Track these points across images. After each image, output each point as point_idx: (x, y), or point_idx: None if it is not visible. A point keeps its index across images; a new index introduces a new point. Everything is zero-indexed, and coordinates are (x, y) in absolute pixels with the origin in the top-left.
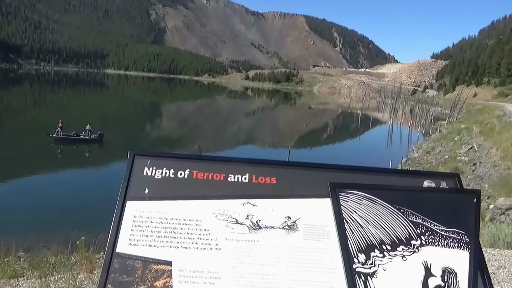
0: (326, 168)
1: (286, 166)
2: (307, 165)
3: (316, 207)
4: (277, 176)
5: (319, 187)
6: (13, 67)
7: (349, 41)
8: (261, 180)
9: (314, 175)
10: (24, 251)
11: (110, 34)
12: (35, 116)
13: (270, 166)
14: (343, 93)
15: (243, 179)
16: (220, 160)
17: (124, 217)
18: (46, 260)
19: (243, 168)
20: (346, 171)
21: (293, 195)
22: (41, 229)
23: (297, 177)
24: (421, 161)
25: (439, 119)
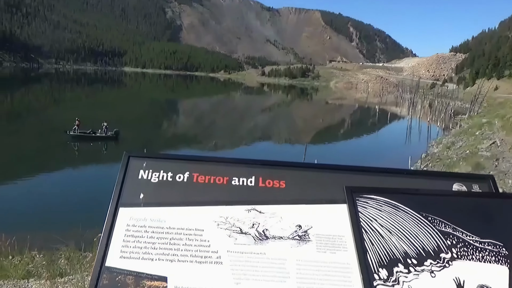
0: (342, 170)
1: (296, 168)
2: (320, 167)
3: (331, 214)
4: (287, 179)
5: (334, 191)
6: (33, 66)
7: (366, 35)
8: (269, 183)
9: (328, 178)
10: (38, 249)
11: (127, 33)
12: (54, 114)
13: (279, 168)
14: (360, 88)
15: (248, 182)
16: (223, 162)
17: (116, 226)
18: (61, 257)
19: (249, 171)
20: (364, 173)
21: (305, 201)
22: (57, 226)
23: (309, 181)
24: (441, 156)
25: (459, 113)
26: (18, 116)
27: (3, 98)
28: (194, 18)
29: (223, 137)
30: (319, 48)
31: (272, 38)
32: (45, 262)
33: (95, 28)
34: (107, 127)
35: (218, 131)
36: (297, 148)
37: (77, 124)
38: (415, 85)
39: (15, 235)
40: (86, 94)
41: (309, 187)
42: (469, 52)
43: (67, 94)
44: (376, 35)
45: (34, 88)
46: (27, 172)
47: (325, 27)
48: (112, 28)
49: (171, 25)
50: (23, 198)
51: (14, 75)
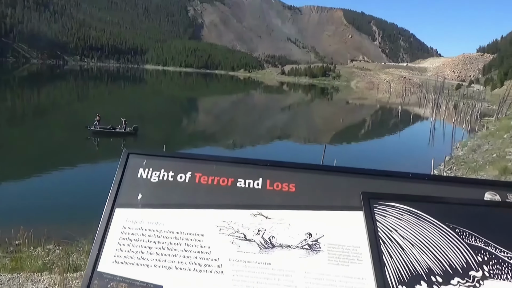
0: (358, 174)
1: (308, 170)
2: (334, 170)
3: (345, 222)
4: (297, 183)
5: (349, 197)
6: (59, 63)
7: (389, 34)
8: (277, 186)
9: (343, 182)
10: (56, 242)
11: (150, 31)
12: (77, 109)
13: (288, 170)
14: (382, 88)
15: (255, 185)
16: (228, 162)
17: (110, 228)
18: (79, 250)
19: (256, 172)
20: (383, 177)
21: (316, 207)
22: (75, 219)
23: (321, 184)
24: (466, 159)
25: (486, 115)
26: (43, 111)
27: (30, 94)
28: (216, 16)
29: (241, 135)
30: (341, 47)
31: (293, 37)
32: (63, 254)
33: (118, 26)
34: (126, 123)
35: (237, 129)
36: (315, 148)
37: (97, 120)
38: (439, 85)
39: (34, 227)
40: (108, 91)
41: (321, 191)
42: (498, 53)
43: (90, 91)
44: (399, 34)
45: (59, 85)
46: (48, 165)
47: (347, 26)
48: (135, 26)
49: (193, 23)
50: (42, 191)
51: (41, 72)
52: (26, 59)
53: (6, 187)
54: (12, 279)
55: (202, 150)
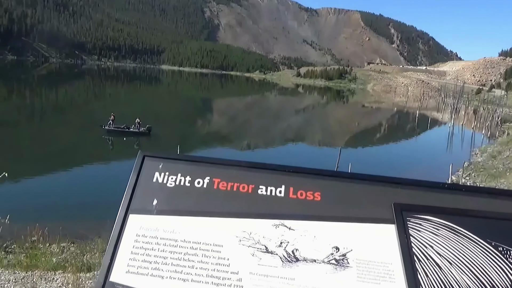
0: (389, 183)
1: (334, 177)
2: (362, 178)
3: (375, 235)
4: (323, 191)
5: (379, 208)
6: (77, 62)
7: (408, 37)
8: (301, 195)
9: (372, 191)
10: (72, 239)
11: (166, 31)
12: (94, 108)
13: (313, 177)
14: (399, 91)
15: (277, 192)
16: (249, 167)
17: (124, 235)
18: (94, 248)
19: (278, 178)
20: (415, 187)
21: (344, 218)
22: (88, 217)
23: (348, 193)
24: (486, 166)
25: (507, 121)
26: (61, 109)
27: (49, 92)
28: (232, 18)
29: (255, 137)
30: (358, 50)
31: (309, 39)
32: (77, 252)
33: (135, 26)
34: (140, 123)
35: (251, 131)
36: (330, 151)
37: (112, 119)
38: (459, 90)
39: (50, 225)
40: (124, 91)
41: (349, 201)
42: None
43: (107, 90)
44: (418, 37)
45: (77, 84)
46: (63, 163)
47: (364, 28)
48: (151, 27)
49: (209, 24)
50: (57, 189)
51: (60, 71)
52: (45, 58)
53: (23, 184)
54: (26, 277)
55: (216, 151)
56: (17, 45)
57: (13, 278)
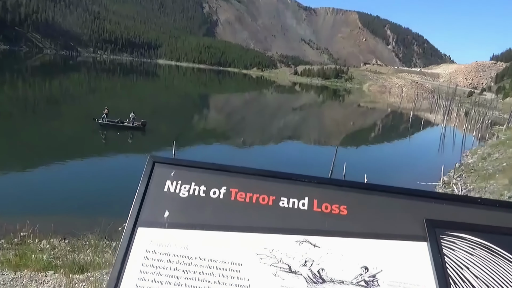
0: (419, 196)
1: (361, 189)
2: (391, 190)
3: (407, 254)
4: (349, 204)
5: (411, 224)
6: (72, 54)
7: (403, 39)
8: (326, 208)
9: (402, 205)
10: (63, 235)
11: (164, 26)
12: (88, 101)
13: (338, 189)
14: (394, 92)
15: (300, 205)
16: (269, 176)
17: (132, 251)
18: (85, 244)
19: (301, 190)
20: (447, 201)
21: (372, 234)
22: (82, 212)
23: (376, 207)
24: (476, 167)
25: (497, 124)
26: (54, 102)
27: (42, 84)
28: (231, 14)
29: (252, 134)
30: (354, 50)
31: (307, 38)
32: (70, 248)
33: (133, 20)
34: (134, 117)
35: (247, 128)
36: (326, 150)
37: (105, 113)
38: (451, 92)
39: (39, 220)
40: (120, 84)
41: (377, 215)
42: (511, 61)
43: (102, 83)
44: (414, 39)
45: (71, 76)
46: (54, 157)
47: (361, 29)
48: (149, 21)
49: (208, 20)
50: (46, 183)
51: (54, 62)
52: (39, 49)
53: (12, 178)
54: (15, 279)
55: (211, 148)
56: (10, 35)
57: (1, 280)
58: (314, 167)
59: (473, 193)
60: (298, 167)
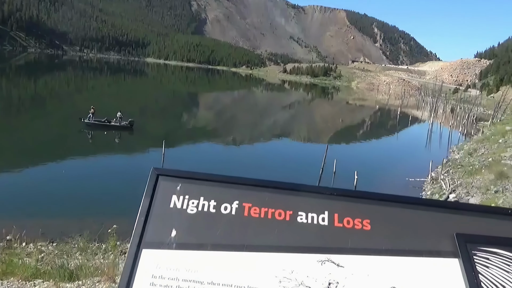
0: (448, 208)
1: (384, 201)
2: (416, 202)
3: (438, 272)
4: (372, 218)
5: (440, 238)
6: (57, 53)
7: (390, 37)
8: (348, 223)
9: (429, 218)
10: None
11: (152, 24)
12: (74, 100)
13: (359, 201)
14: (382, 89)
15: (320, 220)
16: (285, 188)
17: (136, 276)
18: (74, 247)
19: (320, 203)
20: (479, 213)
21: (399, 251)
22: (69, 215)
23: (402, 221)
24: (463, 163)
25: (482, 119)
26: (39, 102)
27: (27, 83)
28: (219, 12)
29: (241, 132)
30: (343, 48)
31: (296, 36)
32: (58, 251)
33: (120, 18)
34: (122, 117)
35: (237, 126)
36: (315, 148)
37: (92, 112)
38: (437, 89)
39: (26, 223)
40: (108, 83)
41: (402, 230)
42: (494, 59)
43: (89, 82)
44: (400, 37)
45: (57, 75)
46: (39, 158)
47: (349, 27)
48: (137, 19)
49: (196, 18)
50: (32, 185)
51: (39, 61)
52: (23, 47)
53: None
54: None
55: (201, 146)
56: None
57: None
58: (305, 165)
59: (460, 189)
60: (289, 165)
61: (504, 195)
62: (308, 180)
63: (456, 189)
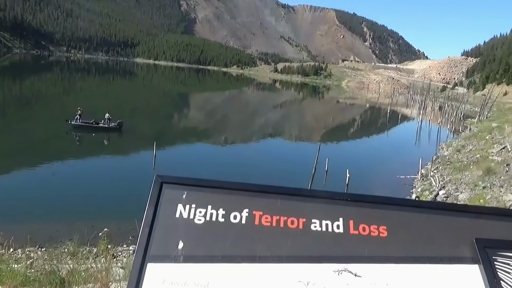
0: (466, 212)
1: (400, 206)
2: (433, 207)
3: (458, 280)
4: (389, 224)
5: (459, 244)
6: (44, 54)
7: (379, 36)
8: (364, 230)
9: (447, 223)
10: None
11: (141, 24)
12: (61, 102)
13: (374, 206)
14: (372, 88)
15: (335, 227)
16: (295, 195)
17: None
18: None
19: (333, 209)
20: (502, 217)
21: (417, 258)
22: (58, 218)
23: (419, 226)
24: (452, 159)
25: (469, 116)
26: (24, 103)
27: (12, 84)
28: (209, 11)
29: (232, 132)
30: (333, 47)
31: (286, 35)
32: (47, 256)
33: (108, 17)
34: (110, 118)
35: (228, 126)
36: (307, 147)
37: (79, 114)
38: (426, 87)
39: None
40: (96, 84)
41: (420, 236)
42: (480, 57)
43: (77, 83)
44: (389, 36)
45: (44, 76)
46: (25, 161)
47: (339, 26)
48: (125, 19)
49: (186, 17)
50: (19, 189)
51: (24, 62)
52: (8, 48)
53: None
54: None
55: (192, 147)
56: None
57: None
58: (297, 164)
59: (450, 185)
60: (281, 164)
61: (492, 191)
62: (300, 179)
63: (445, 186)
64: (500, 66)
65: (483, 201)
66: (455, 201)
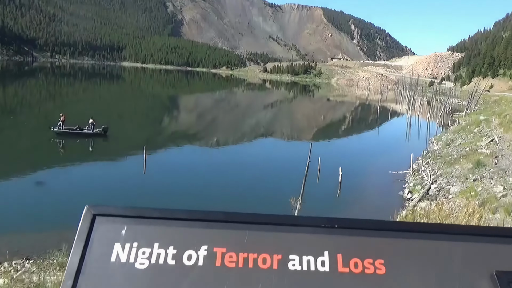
0: (481, 235)
1: (399, 232)
2: (440, 231)
3: None
4: (387, 257)
5: (476, 278)
6: (27, 60)
7: (367, 33)
8: (356, 266)
9: (459, 251)
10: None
11: (127, 27)
12: (45, 108)
13: (367, 234)
14: (361, 85)
15: (319, 265)
16: (266, 223)
17: None
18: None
19: (317, 241)
20: (506, 239)
21: None
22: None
23: (425, 257)
24: (442, 154)
25: (457, 110)
26: (7, 111)
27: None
28: (196, 13)
29: (224, 134)
30: (321, 45)
31: (274, 35)
32: (35, 268)
33: (93, 21)
34: (94, 123)
35: (219, 128)
36: (299, 146)
37: (62, 120)
38: (414, 83)
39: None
40: (83, 89)
41: (426, 270)
42: (466, 51)
43: (63, 89)
44: (376, 33)
45: (27, 83)
46: (6, 172)
47: (327, 24)
48: (110, 22)
49: (172, 19)
50: (2, 200)
51: (6, 69)
52: None
53: None
54: None
55: (182, 150)
56: None
57: None
58: (289, 163)
59: (441, 179)
60: (273, 164)
61: (482, 183)
62: (293, 180)
63: (437, 180)
64: (485, 60)
65: (474, 193)
66: (447, 194)
